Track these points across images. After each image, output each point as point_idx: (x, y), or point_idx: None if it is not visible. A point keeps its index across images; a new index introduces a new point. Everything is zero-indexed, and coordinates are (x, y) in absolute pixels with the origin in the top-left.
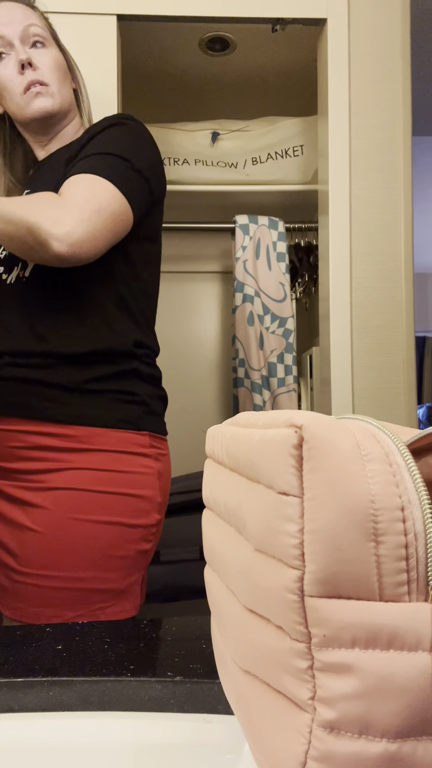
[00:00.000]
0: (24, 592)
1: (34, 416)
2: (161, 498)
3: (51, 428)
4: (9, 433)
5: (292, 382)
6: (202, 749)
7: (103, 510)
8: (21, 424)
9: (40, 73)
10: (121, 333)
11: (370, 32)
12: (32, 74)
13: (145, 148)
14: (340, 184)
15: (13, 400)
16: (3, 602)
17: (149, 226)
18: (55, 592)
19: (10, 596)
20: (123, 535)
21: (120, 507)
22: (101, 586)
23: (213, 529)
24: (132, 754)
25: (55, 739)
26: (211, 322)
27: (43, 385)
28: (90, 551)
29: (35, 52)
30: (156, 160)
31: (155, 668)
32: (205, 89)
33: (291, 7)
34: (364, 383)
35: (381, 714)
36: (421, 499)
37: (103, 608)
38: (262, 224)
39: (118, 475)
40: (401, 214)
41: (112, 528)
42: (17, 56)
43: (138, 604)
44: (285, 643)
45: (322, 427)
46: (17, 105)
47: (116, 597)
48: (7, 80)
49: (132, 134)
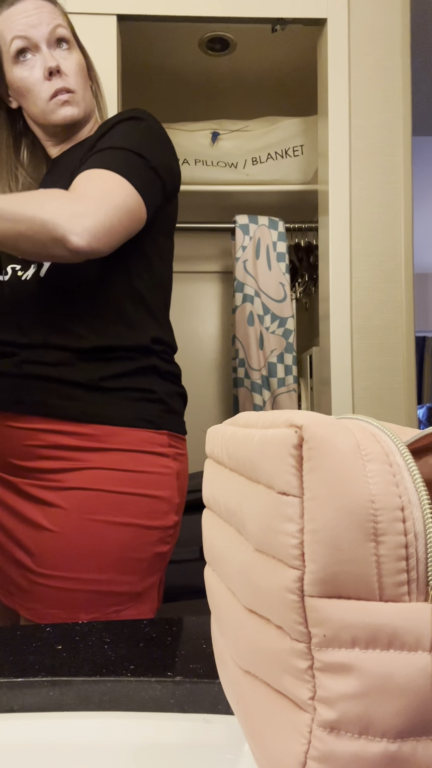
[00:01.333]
0: (39, 593)
1: (51, 414)
2: (179, 499)
3: (68, 427)
4: (27, 432)
5: (292, 382)
6: (202, 749)
7: (119, 511)
8: (39, 423)
9: (67, 80)
10: (138, 327)
11: (370, 32)
12: (60, 81)
13: (160, 144)
14: (340, 184)
15: (31, 398)
16: (20, 603)
17: (164, 221)
18: (68, 594)
19: (27, 597)
20: (140, 537)
21: (137, 508)
22: (116, 588)
23: (213, 529)
24: (132, 754)
25: (55, 739)
26: (211, 322)
27: (61, 382)
28: (105, 553)
29: (61, 55)
30: (170, 156)
31: (155, 668)
32: (205, 89)
33: (291, 7)
34: (364, 383)
35: (381, 714)
36: (421, 499)
37: (118, 611)
38: (262, 224)
39: (135, 475)
40: (401, 214)
41: (128, 529)
42: (45, 62)
43: (155, 607)
44: (285, 643)
45: (322, 427)
46: (41, 110)
47: (132, 600)
48: (32, 84)
49: (147, 130)
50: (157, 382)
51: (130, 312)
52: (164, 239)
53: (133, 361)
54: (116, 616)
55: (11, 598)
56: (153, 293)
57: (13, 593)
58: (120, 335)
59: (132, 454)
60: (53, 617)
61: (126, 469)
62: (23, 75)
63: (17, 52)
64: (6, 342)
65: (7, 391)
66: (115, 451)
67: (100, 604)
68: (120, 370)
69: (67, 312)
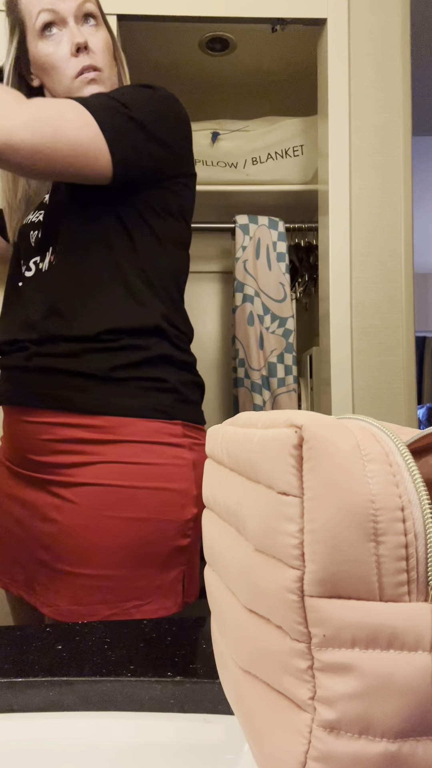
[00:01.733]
0: (58, 589)
1: (62, 407)
2: (197, 491)
3: (79, 419)
4: (41, 426)
5: (292, 382)
6: (202, 749)
7: (134, 507)
8: (51, 416)
9: (95, 58)
10: (147, 306)
11: (370, 32)
12: (87, 59)
13: (160, 110)
14: (340, 184)
15: (42, 392)
16: (41, 599)
17: (173, 202)
18: (87, 590)
19: (48, 593)
20: (156, 532)
21: (152, 502)
22: (135, 584)
23: (213, 529)
24: (132, 754)
25: (55, 739)
26: (211, 322)
27: (70, 374)
28: (121, 549)
29: (88, 31)
30: (173, 126)
31: (155, 668)
32: (205, 89)
33: (291, 7)
34: (364, 383)
35: (381, 714)
36: (421, 499)
37: (138, 606)
38: (262, 224)
39: (148, 467)
40: (401, 214)
41: (144, 524)
42: (72, 37)
43: (180, 601)
44: (285, 643)
45: (322, 427)
46: (66, 88)
47: (152, 594)
48: (58, 60)
49: (151, 94)
50: (170, 371)
51: (139, 290)
52: (174, 221)
53: (143, 350)
54: (137, 612)
55: (35, 596)
56: (162, 277)
57: (36, 591)
58: (129, 313)
59: (144, 446)
60: (73, 614)
61: (138, 462)
62: (48, 51)
63: (43, 26)
64: (19, 338)
65: (20, 385)
66: (127, 442)
67: (119, 599)
68: (130, 360)
69: (74, 293)
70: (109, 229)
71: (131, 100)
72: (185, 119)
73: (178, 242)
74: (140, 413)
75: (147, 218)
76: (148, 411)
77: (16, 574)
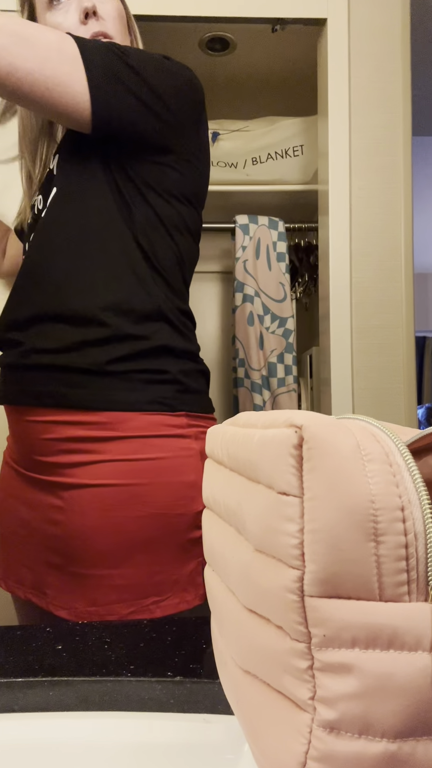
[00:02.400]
0: (73, 591)
1: (61, 404)
2: None
3: (79, 416)
4: (43, 425)
5: (292, 382)
6: (202, 749)
7: (143, 505)
8: (52, 414)
9: (104, 24)
10: (150, 285)
11: (370, 32)
12: (96, 25)
13: (167, 69)
14: (340, 184)
15: (40, 390)
16: (54, 603)
17: (180, 184)
18: (103, 591)
19: (62, 596)
20: (168, 527)
21: (161, 498)
22: (151, 580)
23: (213, 529)
24: (132, 754)
25: (55, 739)
26: (211, 322)
27: (67, 370)
28: (134, 547)
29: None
30: (182, 93)
31: (155, 668)
32: (205, 89)
33: (291, 7)
34: (364, 383)
35: (381, 714)
36: (421, 499)
37: (157, 602)
38: (262, 224)
39: (153, 463)
40: (401, 214)
41: (155, 521)
42: (80, 2)
43: (201, 593)
44: (285, 643)
45: (322, 427)
46: None
47: (171, 589)
48: (67, 30)
49: (162, 59)
50: (170, 362)
51: (139, 266)
52: (180, 205)
53: (141, 340)
54: (157, 608)
55: (45, 599)
56: (165, 263)
57: (47, 594)
58: (130, 291)
59: (147, 440)
60: (91, 615)
61: (142, 458)
62: (57, 20)
63: None
64: (11, 324)
65: (18, 383)
66: (129, 438)
67: (136, 597)
68: (128, 351)
69: (67, 258)
70: (108, 202)
71: (133, 50)
72: (196, 87)
73: (186, 231)
74: (141, 407)
75: (148, 197)
76: (149, 404)
77: (23, 577)
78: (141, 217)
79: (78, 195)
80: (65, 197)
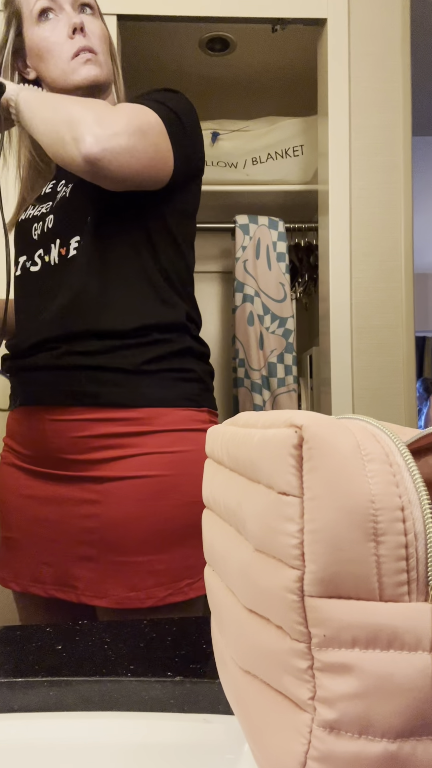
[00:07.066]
0: (111, 579)
1: (97, 403)
2: None
3: (115, 413)
4: (75, 423)
5: (292, 382)
6: (202, 749)
7: (179, 494)
8: (86, 413)
9: (90, 40)
10: (172, 305)
11: (370, 32)
12: (83, 40)
13: (192, 115)
14: (340, 184)
15: (76, 389)
16: (87, 594)
17: (190, 201)
18: (142, 576)
19: (98, 585)
20: (200, 515)
21: (191, 487)
22: (185, 563)
23: (213, 529)
24: (132, 754)
25: (55, 739)
26: (211, 322)
27: (104, 370)
28: (171, 533)
29: (85, 18)
30: (198, 130)
31: (155, 668)
32: (205, 89)
33: (291, 7)
34: (364, 383)
35: (381, 714)
36: (421, 499)
37: (190, 584)
38: (262, 224)
39: (184, 455)
40: (401, 214)
41: (188, 509)
42: (69, 20)
43: None
44: (285, 643)
45: (322, 427)
46: (62, 71)
47: (201, 572)
48: (54, 44)
49: (180, 99)
50: (193, 362)
51: (163, 290)
52: (188, 221)
53: (170, 343)
54: (190, 590)
55: (75, 592)
56: (181, 275)
57: (76, 587)
58: (157, 313)
59: (180, 434)
60: (131, 600)
61: (174, 450)
62: (45, 35)
63: (41, 11)
64: (49, 337)
65: (51, 384)
66: (162, 432)
67: (172, 580)
68: (159, 353)
69: (102, 294)
70: (132, 226)
71: (175, 105)
72: (197, 119)
73: (191, 242)
74: (173, 403)
75: (167, 219)
76: (180, 400)
77: (43, 576)
78: (159, 239)
79: (109, 232)
80: (98, 233)
